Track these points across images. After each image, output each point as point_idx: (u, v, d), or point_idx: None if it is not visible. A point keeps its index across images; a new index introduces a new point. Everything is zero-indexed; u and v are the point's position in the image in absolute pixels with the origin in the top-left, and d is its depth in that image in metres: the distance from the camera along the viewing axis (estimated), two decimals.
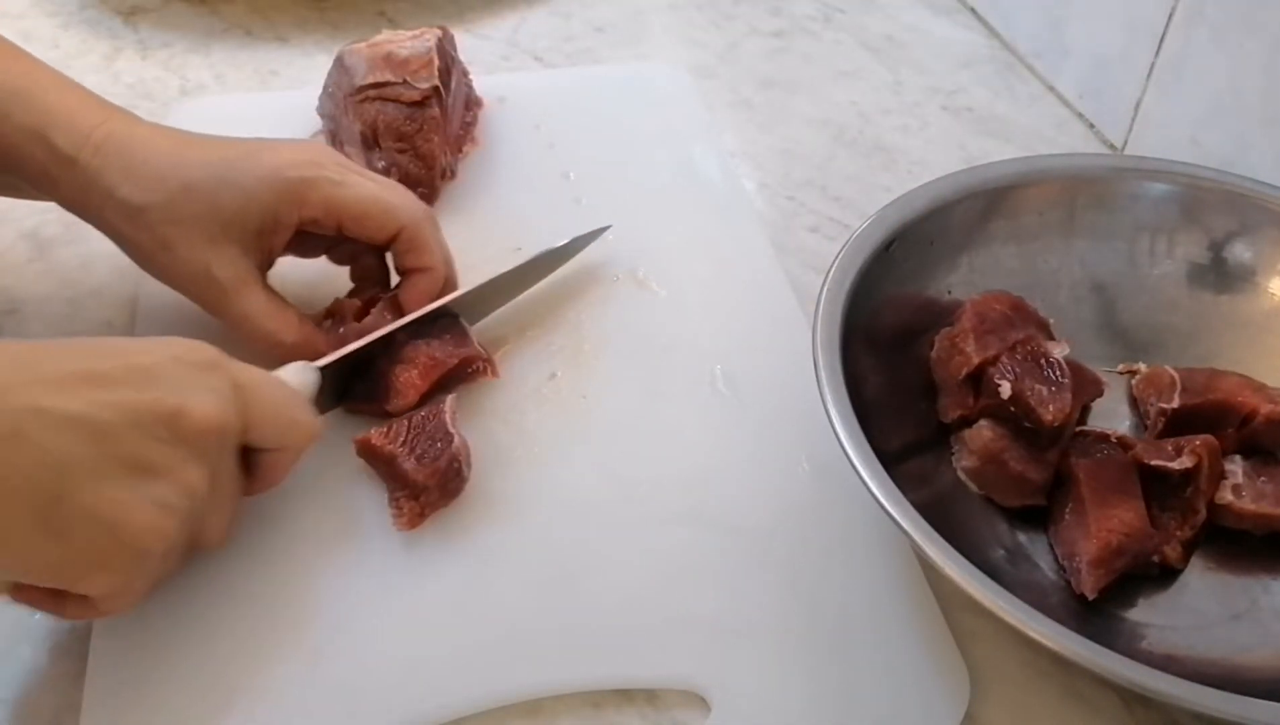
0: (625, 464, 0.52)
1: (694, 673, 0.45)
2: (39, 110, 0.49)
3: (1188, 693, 0.38)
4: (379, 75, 0.65)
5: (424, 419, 0.50)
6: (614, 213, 0.65)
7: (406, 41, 0.67)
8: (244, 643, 0.45)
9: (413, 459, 0.48)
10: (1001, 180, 0.58)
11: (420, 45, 0.66)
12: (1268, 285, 0.56)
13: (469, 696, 0.44)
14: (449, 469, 0.48)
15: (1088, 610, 0.46)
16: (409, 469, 0.48)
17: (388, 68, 0.65)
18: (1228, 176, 0.58)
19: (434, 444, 0.49)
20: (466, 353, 0.53)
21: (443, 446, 0.49)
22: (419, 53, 0.66)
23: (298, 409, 0.47)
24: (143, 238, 0.50)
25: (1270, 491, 0.49)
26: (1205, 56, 0.66)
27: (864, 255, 0.53)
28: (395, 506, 0.49)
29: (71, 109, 0.50)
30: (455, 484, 0.49)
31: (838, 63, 0.82)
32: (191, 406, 0.40)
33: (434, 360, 0.52)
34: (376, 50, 0.66)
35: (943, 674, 0.45)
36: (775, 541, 0.49)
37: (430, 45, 0.66)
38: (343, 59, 0.67)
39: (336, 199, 0.51)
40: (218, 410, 0.41)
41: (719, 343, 0.58)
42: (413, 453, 0.48)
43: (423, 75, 0.65)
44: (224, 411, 0.41)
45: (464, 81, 0.72)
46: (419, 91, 0.64)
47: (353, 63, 0.66)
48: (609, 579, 0.48)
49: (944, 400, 0.52)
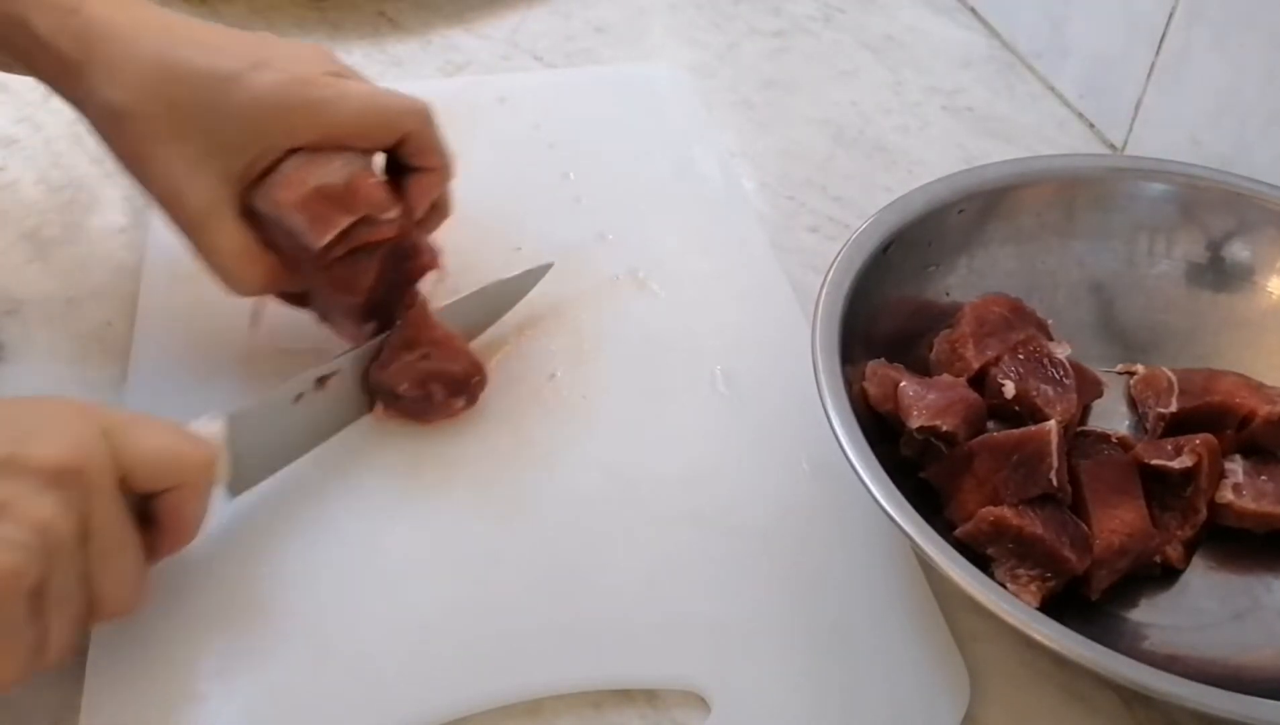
0: (626, 464, 0.52)
1: (694, 673, 0.45)
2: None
3: (1190, 692, 0.38)
4: (332, 222, 0.49)
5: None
6: (614, 213, 0.65)
7: (326, 167, 0.49)
8: (245, 644, 0.45)
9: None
10: (999, 181, 0.58)
11: (350, 164, 0.50)
12: (1266, 284, 0.57)
13: (470, 696, 0.44)
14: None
15: (1089, 610, 0.46)
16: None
17: (336, 207, 0.49)
18: (1225, 176, 0.58)
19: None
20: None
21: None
22: (357, 171, 0.50)
23: (183, 442, 0.43)
24: (122, 144, 0.47)
25: (1271, 490, 0.50)
26: (1205, 56, 0.66)
27: (862, 257, 0.53)
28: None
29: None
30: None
31: (838, 63, 0.82)
32: (29, 447, 0.37)
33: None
34: (301, 188, 0.48)
35: (943, 674, 0.45)
36: (775, 541, 0.49)
37: (364, 161, 0.51)
38: (259, 210, 0.49)
39: (331, 121, 0.48)
40: (64, 448, 0.38)
41: (719, 343, 0.58)
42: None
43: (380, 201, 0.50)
44: (78, 449, 0.38)
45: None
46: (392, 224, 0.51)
47: (280, 216, 0.49)
48: (609, 579, 0.48)
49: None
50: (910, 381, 0.50)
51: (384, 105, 0.50)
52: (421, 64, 0.80)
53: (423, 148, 0.52)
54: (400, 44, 0.81)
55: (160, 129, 0.46)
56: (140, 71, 0.46)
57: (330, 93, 0.49)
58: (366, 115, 0.49)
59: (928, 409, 0.49)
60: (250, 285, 0.50)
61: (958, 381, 0.51)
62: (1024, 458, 0.47)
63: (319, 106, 0.48)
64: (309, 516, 0.49)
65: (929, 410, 0.49)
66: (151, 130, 0.47)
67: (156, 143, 0.47)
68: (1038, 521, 0.45)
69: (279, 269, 0.51)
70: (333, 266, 0.50)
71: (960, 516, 0.47)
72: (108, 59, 0.46)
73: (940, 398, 0.49)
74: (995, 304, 0.54)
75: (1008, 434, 0.48)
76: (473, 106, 0.73)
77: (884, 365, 0.52)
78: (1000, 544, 0.46)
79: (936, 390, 0.50)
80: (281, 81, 0.48)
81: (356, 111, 0.49)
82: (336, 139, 0.49)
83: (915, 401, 0.49)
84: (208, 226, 0.48)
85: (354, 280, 0.50)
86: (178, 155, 0.47)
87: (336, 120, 0.49)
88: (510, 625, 0.46)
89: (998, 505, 0.46)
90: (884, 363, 0.52)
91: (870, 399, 0.50)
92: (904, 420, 0.49)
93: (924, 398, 0.49)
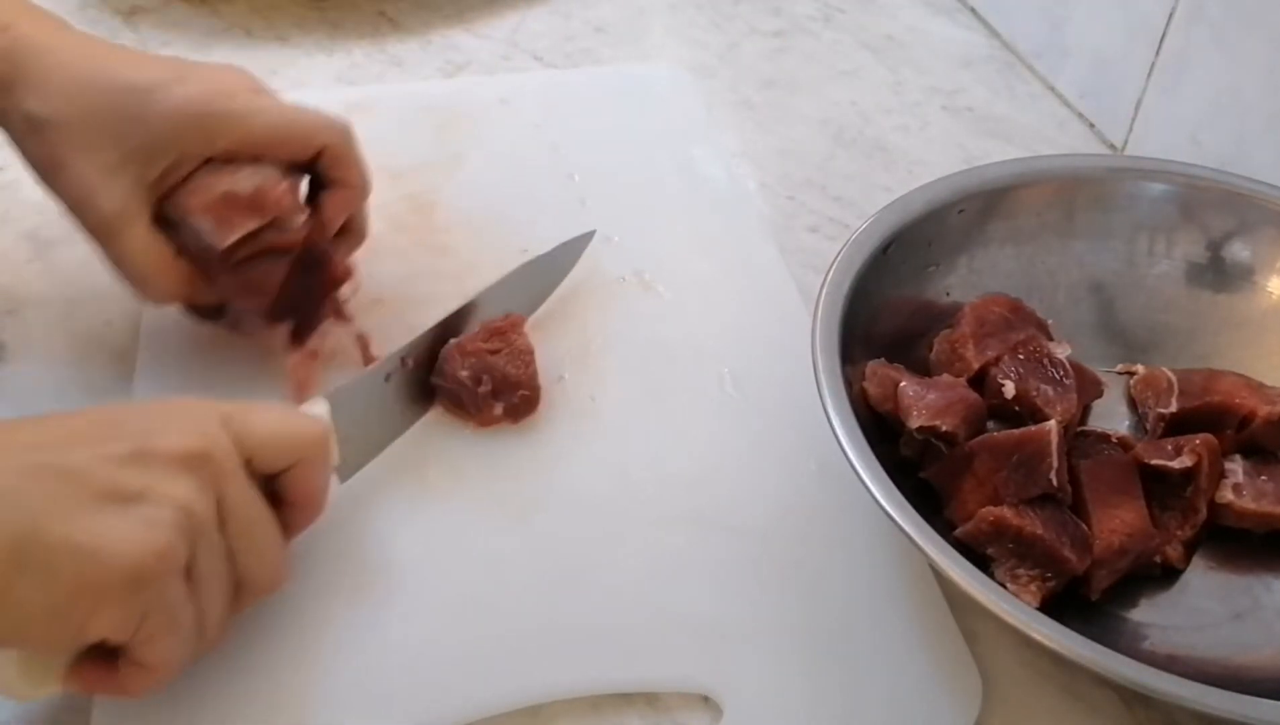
0: (633, 465, 0.52)
1: (701, 675, 0.45)
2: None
3: (1191, 692, 0.38)
4: (236, 225, 0.50)
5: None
6: (618, 214, 0.65)
7: (236, 175, 0.51)
8: (248, 648, 0.45)
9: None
10: (998, 181, 0.58)
11: (260, 173, 0.51)
12: (1266, 284, 0.57)
13: (473, 700, 0.44)
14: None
15: (1089, 610, 0.46)
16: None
17: (242, 211, 0.50)
18: (1225, 176, 0.58)
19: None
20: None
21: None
22: (266, 178, 0.51)
23: (297, 421, 0.45)
24: (40, 152, 0.49)
25: (1271, 490, 0.50)
26: (1205, 56, 0.66)
27: (862, 258, 0.53)
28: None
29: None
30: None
31: (838, 63, 0.82)
32: (155, 441, 0.39)
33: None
34: (208, 193, 0.50)
35: (953, 678, 0.45)
36: (783, 542, 0.49)
37: (276, 172, 0.51)
38: (170, 217, 0.51)
39: (249, 132, 0.50)
40: (196, 437, 0.40)
41: (725, 344, 0.58)
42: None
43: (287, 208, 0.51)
44: (203, 437, 0.40)
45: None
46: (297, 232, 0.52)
47: (188, 220, 0.50)
48: (617, 580, 0.48)
49: None
50: (910, 381, 0.50)
51: (302, 119, 0.52)
52: (421, 64, 0.80)
53: (339, 162, 0.53)
54: (400, 44, 0.81)
55: (77, 136, 0.48)
56: (64, 82, 0.48)
57: (249, 105, 0.51)
58: (283, 127, 0.51)
59: (928, 409, 0.49)
60: (161, 290, 0.51)
61: (958, 381, 0.51)
62: (1024, 458, 0.47)
63: (237, 117, 0.50)
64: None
65: (929, 410, 0.49)
66: (68, 137, 0.48)
67: (72, 149, 0.48)
68: (1038, 521, 0.45)
69: (190, 277, 0.52)
70: (240, 269, 0.51)
71: (960, 516, 0.47)
72: (33, 72, 0.48)
73: (940, 398, 0.49)
74: (995, 304, 0.54)
75: (1008, 434, 0.48)
76: (475, 108, 0.73)
77: (884, 365, 0.52)
78: (1000, 544, 0.46)
79: (936, 390, 0.50)
80: (202, 92, 0.50)
81: (273, 123, 0.51)
82: (253, 149, 0.51)
83: (915, 401, 0.49)
84: (120, 232, 0.49)
85: (262, 282, 0.52)
86: (93, 162, 0.48)
87: (253, 130, 0.50)
88: (514, 627, 0.46)
89: (998, 505, 0.46)
90: (884, 363, 0.52)
91: (870, 399, 0.50)
92: (904, 420, 0.49)
93: (924, 398, 0.49)
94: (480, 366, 0.52)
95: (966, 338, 0.53)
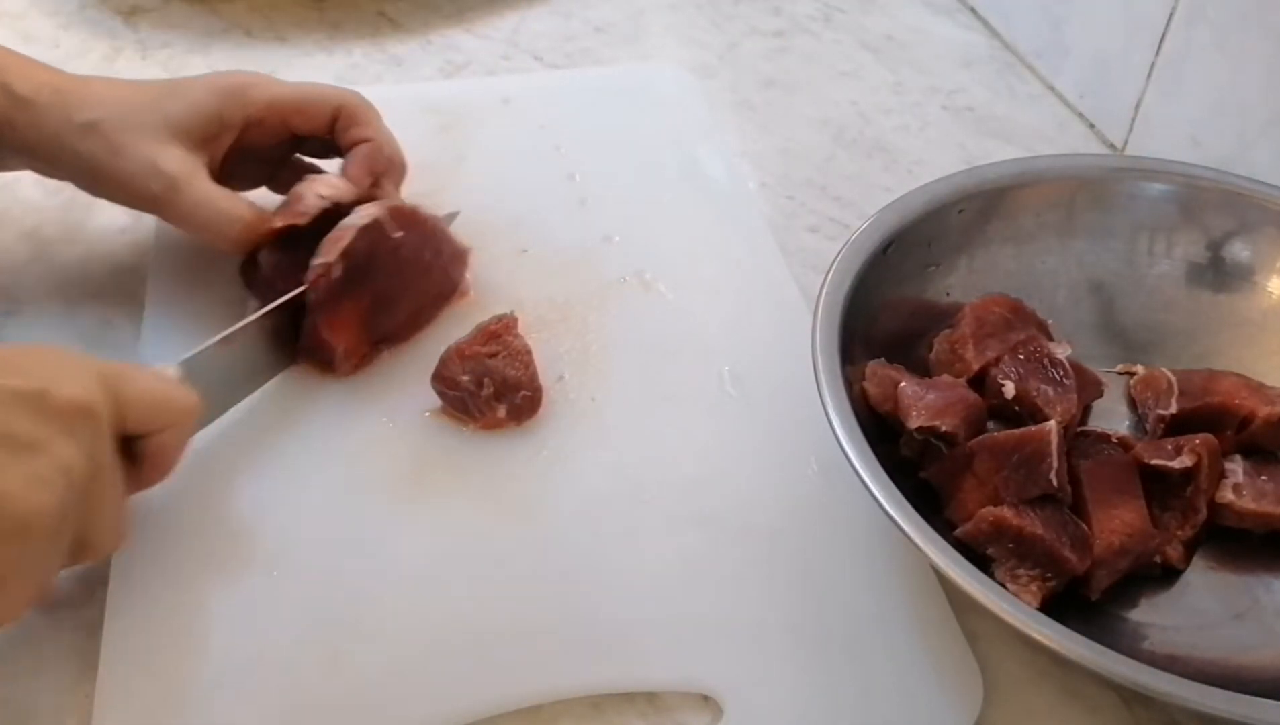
0: (634, 466, 0.52)
1: (701, 675, 0.45)
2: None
3: (1191, 692, 0.38)
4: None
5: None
6: (620, 214, 0.65)
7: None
8: (251, 650, 0.45)
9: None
10: (998, 181, 0.58)
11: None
12: (1266, 284, 0.57)
13: (474, 700, 0.44)
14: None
15: (1089, 610, 0.47)
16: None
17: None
18: (1225, 176, 0.58)
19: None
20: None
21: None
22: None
23: (171, 388, 0.46)
24: (96, 148, 0.53)
25: (1271, 490, 0.50)
26: (1205, 56, 0.66)
27: (862, 258, 0.53)
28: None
29: (24, 63, 0.55)
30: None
31: (838, 63, 0.82)
32: (56, 386, 0.39)
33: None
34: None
35: (954, 677, 0.45)
36: (785, 542, 0.49)
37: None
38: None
39: (277, 95, 0.58)
40: (84, 390, 0.40)
41: (727, 344, 0.58)
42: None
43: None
44: (90, 392, 0.40)
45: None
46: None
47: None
48: (619, 581, 0.48)
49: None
50: (910, 381, 0.50)
51: (319, 87, 0.60)
52: (421, 64, 0.80)
53: (356, 117, 0.59)
54: (400, 44, 0.81)
55: (131, 121, 0.54)
56: (105, 93, 0.55)
57: (270, 79, 0.59)
58: (303, 91, 0.59)
59: (928, 409, 0.49)
60: (236, 229, 0.55)
61: (958, 382, 0.51)
62: (1024, 458, 0.47)
63: (263, 84, 0.58)
64: (313, 519, 0.49)
65: (929, 410, 0.49)
66: (121, 126, 0.54)
67: (127, 132, 0.54)
68: (1038, 521, 0.46)
69: (259, 216, 0.56)
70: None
71: (960, 516, 0.47)
72: (81, 97, 0.54)
73: (940, 398, 0.49)
74: (995, 304, 0.54)
75: (1008, 434, 0.48)
76: (475, 108, 0.73)
77: (884, 365, 0.52)
78: (1000, 544, 0.46)
79: (936, 390, 0.50)
80: (227, 74, 0.58)
81: (295, 89, 0.59)
82: (280, 112, 0.58)
83: (915, 401, 0.49)
84: (187, 185, 0.54)
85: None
86: (148, 136, 0.54)
87: (279, 94, 0.58)
88: (517, 628, 0.46)
89: (998, 505, 0.46)
90: (884, 363, 0.52)
91: (870, 399, 0.50)
92: (904, 420, 0.49)
93: (924, 398, 0.49)
94: (480, 370, 0.53)
95: (966, 338, 0.53)
